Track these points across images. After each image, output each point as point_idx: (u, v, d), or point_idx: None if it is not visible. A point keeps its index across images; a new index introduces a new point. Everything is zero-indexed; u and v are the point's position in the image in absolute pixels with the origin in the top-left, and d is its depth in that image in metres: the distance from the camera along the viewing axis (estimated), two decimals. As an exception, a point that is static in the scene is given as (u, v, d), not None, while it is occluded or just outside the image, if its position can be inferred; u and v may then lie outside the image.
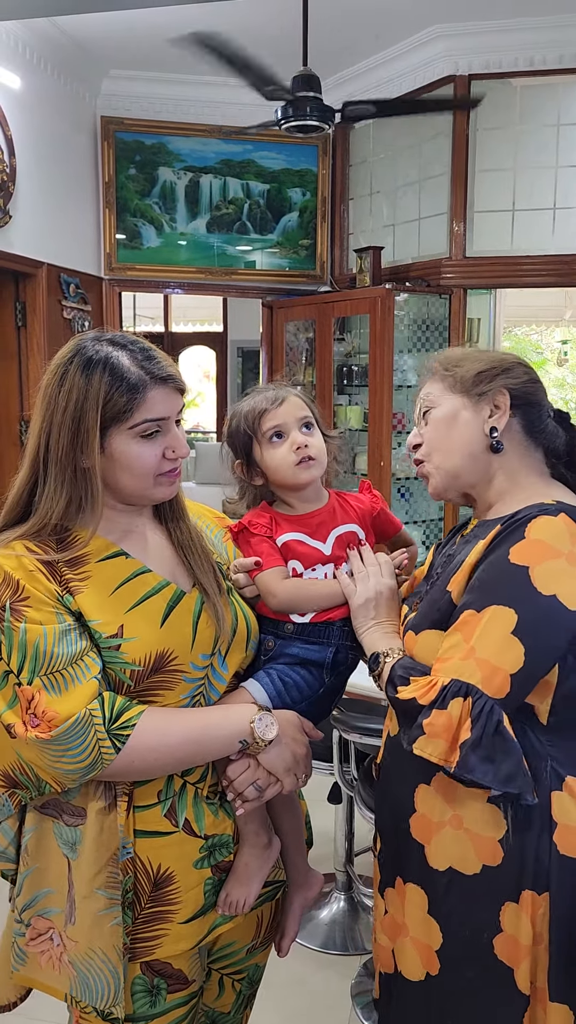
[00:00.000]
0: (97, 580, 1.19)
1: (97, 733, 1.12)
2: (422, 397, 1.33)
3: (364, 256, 4.54)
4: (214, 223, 4.89)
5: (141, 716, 1.15)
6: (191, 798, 1.25)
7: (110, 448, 1.17)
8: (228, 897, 1.29)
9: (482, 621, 1.10)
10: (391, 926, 1.28)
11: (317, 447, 1.38)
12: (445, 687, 1.09)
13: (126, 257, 4.80)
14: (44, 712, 1.11)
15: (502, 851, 1.13)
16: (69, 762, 1.11)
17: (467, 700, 1.07)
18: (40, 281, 4.17)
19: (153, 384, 1.17)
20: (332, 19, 3.76)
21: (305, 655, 1.34)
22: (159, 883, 1.22)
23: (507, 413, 1.25)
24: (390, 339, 4.29)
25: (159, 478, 1.22)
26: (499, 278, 4.38)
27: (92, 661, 1.15)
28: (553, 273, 4.24)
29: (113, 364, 1.15)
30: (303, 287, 5.04)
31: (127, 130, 4.68)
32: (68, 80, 4.38)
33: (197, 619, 1.24)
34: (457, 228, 4.32)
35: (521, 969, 1.13)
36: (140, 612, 1.19)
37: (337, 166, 4.97)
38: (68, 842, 1.22)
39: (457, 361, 1.30)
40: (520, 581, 1.09)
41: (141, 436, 1.18)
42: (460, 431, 1.26)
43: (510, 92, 4.17)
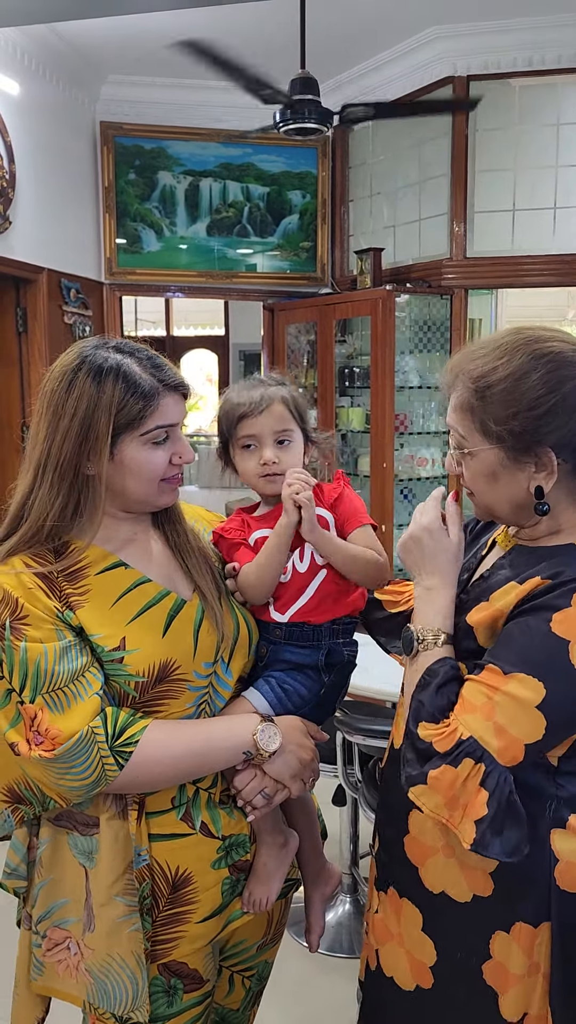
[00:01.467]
0: (97, 593, 1.18)
1: (100, 750, 1.12)
2: (452, 427, 1.17)
3: (365, 258, 4.54)
4: (214, 226, 4.89)
5: (144, 731, 1.15)
6: (204, 802, 1.26)
7: (120, 455, 1.18)
8: (251, 896, 1.31)
9: (507, 686, 1.04)
10: (380, 928, 1.28)
11: (286, 462, 1.34)
12: (462, 742, 1.04)
13: (127, 261, 4.80)
14: (47, 730, 1.11)
15: (492, 884, 1.12)
16: (73, 779, 1.12)
17: (478, 766, 1.03)
18: (41, 286, 4.18)
19: (165, 392, 1.19)
20: (330, 22, 3.77)
21: (298, 659, 1.33)
22: (177, 885, 1.24)
23: (555, 472, 1.09)
24: (391, 340, 4.29)
25: (163, 484, 1.22)
26: (500, 278, 4.38)
27: (94, 677, 1.15)
28: (555, 273, 4.23)
29: (126, 372, 1.16)
30: (304, 289, 5.04)
31: (126, 135, 4.69)
32: (67, 86, 4.39)
33: (198, 627, 1.24)
34: (458, 229, 4.32)
35: (508, 996, 1.13)
36: (141, 623, 1.19)
37: (337, 168, 4.97)
38: (85, 851, 1.23)
39: (487, 382, 1.10)
40: (558, 655, 1.02)
41: (152, 443, 1.19)
42: (502, 487, 1.13)
43: (509, 92, 4.17)
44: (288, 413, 1.35)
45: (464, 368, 1.14)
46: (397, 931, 1.24)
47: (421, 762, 1.08)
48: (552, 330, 1.14)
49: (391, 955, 1.26)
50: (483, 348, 1.14)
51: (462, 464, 1.17)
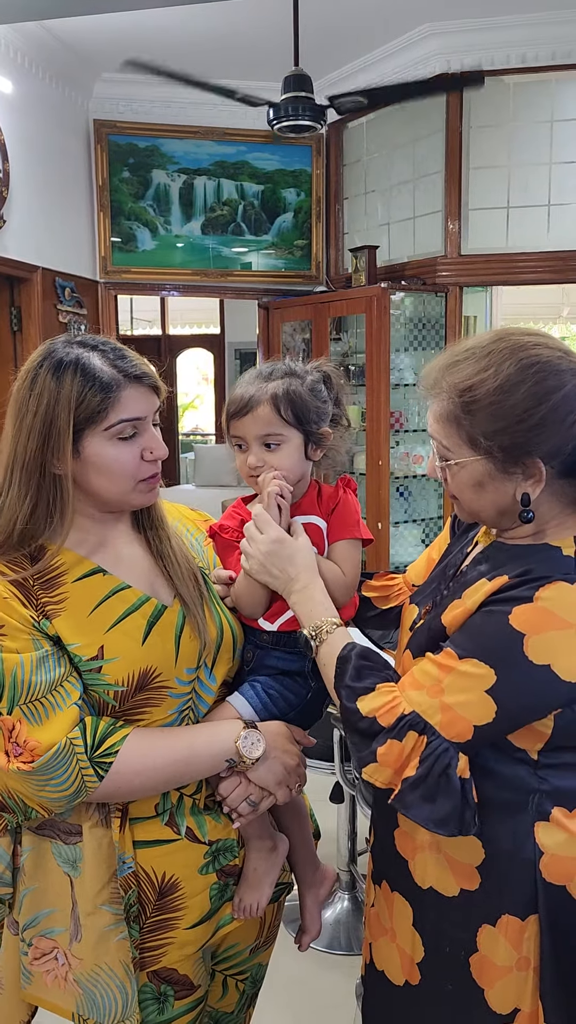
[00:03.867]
0: (74, 601, 1.15)
1: (79, 762, 1.10)
2: (436, 439, 1.14)
3: (359, 255, 4.54)
4: (209, 225, 4.89)
5: (124, 741, 1.13)
6: (189, 808, 1.24)
7: (85, 452, 1.13)
8: (242, 902, 1.29)
9: (458, 669, 1.06)
10: (375, 922, 1.29)
11: (276, 466, 1.26)
12: (405, 716, 1.06)
13: (121, 260, 4.80)
14: (26, 742, 1.09)
15: (479, 877, 1.13)
16: (53, 791, 1.10)
17: (421, 737, 1.05)
18: (35, 285, 4.17)
19: (127, 383, 1.14)
20: (323, 19, 3.76)
21: (284, 665, 1.30)
22: (164, 891, 1.21)
23: (543, 481, 1.08)
24: (387, 338, 4.29)
25: (139, 484, 1.18)
26: (495, 275, 4.38)
27: (72, 687, 1.13)
28: (549, 270, 4.24)
29: (84, 364, 1.12)
30: (299, 287, 5.04)
31: (120, 133, 4.68)
32: (60, 84, 4.38)
33: (180, 633, 1.21)
34: (452, 226, 4.32)
35: (496, 990, 1.13)
36: (120, 631, 1.16)
37: (331, 166, 4.97)
38: (69, 860, 1.21)
39: (472, 394, 1.08)
40: (512, 647, 1.03)
41: (117, 438, 1.14)
42: (488, 494, 1.12)
43: (503, 89, 4.17)
44: (276, 415, 1.25)
45: (447, 377, 1.11)
46: (390, 925, 1.25)
47: (368, 740, 1.08)
48: (534, 334, 1.12)
49: (383, 950, 1.26)
50: (466, 355, 1.11)
51: (447, 472, 1.15)
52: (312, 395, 1.27)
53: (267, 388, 1.26)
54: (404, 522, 4.57)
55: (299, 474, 1.29)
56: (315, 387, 1.28)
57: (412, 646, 1.21)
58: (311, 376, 1.29)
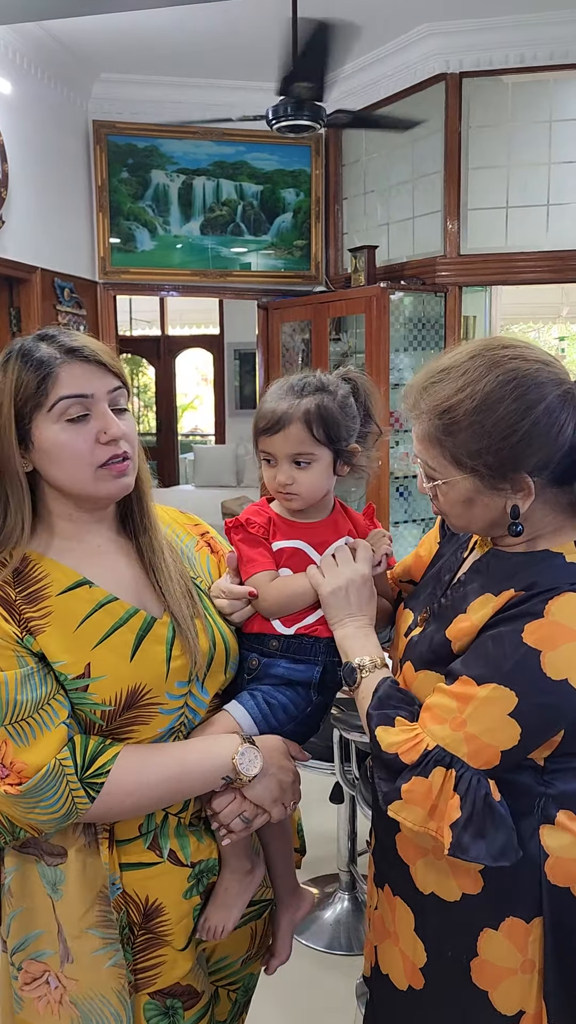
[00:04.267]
0: (59, 616, 1.09)
1: (70, 783, 1.06)
2: (421, 457, 1.14)
3: (359, 255, 4.54)
4: (208, 225, 4.89)
5: (115, 760, 1.09)
6: (173, 828, 1.19)
7: (38, 441, 1.08)
8: (207, 922, 1.23)
9: (479, 697, 1.03)
10: (379, 926, 1.28)
11: (303, 484, 1.25)
12: (428, 752, 1.04)
13: (120, 261, 4.80)
14: (12, 763, 1.05)
15: (482, 881, 1.12)
16: (42, 813, 1.06)
17: (449, 771, 1.03)
18: (34, 286, 4.17)
19: (64, 358, 1.07)
20: (322, 18, 3.76)
21: (291, 675, 1.26)
22: (149, 915, 1.18)
23: (532, 494, 1.08)
24: (386, 338, 4.29)
25: (100, 471, 1.10)
26: (494, 275, 4.38)
27: (60, 705, 1.08)
28: (548, 270, 4.24)
29: (25, 350, 1.08)
30: (298, 288, 5.04)
31: (119, 133, 4.68)
32: (59, 84, 4.38)
33: (171, 647, 1.15)
34: (451, 226, 4.32)
35: (499, 991, 1.13)
36: (107, 647, 1.10)
37: (330, 166, 4.97)
38: (50, 882, 1.16)
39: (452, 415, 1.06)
40: (529, 665, 1.02)
41: (66, 420, 1.07)
42: (478, 510, 1.11)
43: (502, 89, 4.17)
44: (308, 435, 1.22)
45: (424, 398, 1.10)
46: (393, 929, 1.24)
47: (392, 777, 1.07)
48: (512, 345, 1.10)
49: (387, 953, 1.26)
50: (442, 375, 1.10)
51: (435, 490, 1.14)
52: (343, 412, 1.25)
53: (300, 405, 1.22)
54: (404, 522, 4.57)
55: (326, 489, 1.29)
56: (345, 402, 1.26)
57: (412, 657, 1.19)
58: (341, 390, 1.26)
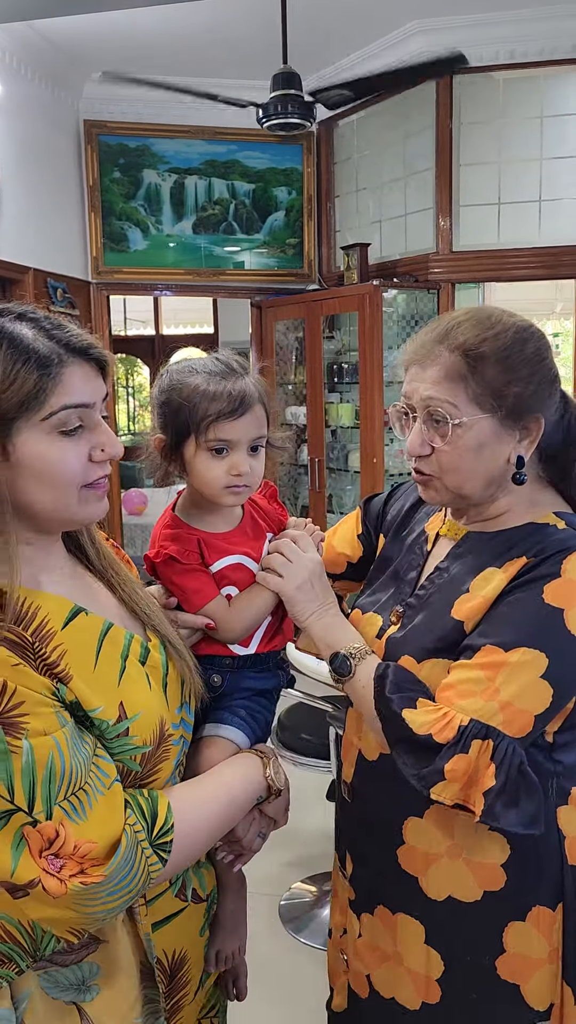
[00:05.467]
0: (75, 654, 0.91)
1: (144, 852, 0.89)
2: (436, 400, 1.08)
3: (351, 253, 4.54)
4: (200, 224, 4.88)
5: (170, 810, 0.94)
6: (193, 866, 1.09)
7: (17, 452, 0.86)
8: (221, 951, 1.17)
9: (510, 662, 1.03)
10: (368, 952, 1.24)
11: (257, 473, 1.15)
12: (465, 728, 1.02)
13: (113, 260, 4.79)
14: (77, 847, 0.83)
15: (504, 875, 1.10)
16: (112, 900, 0.85)
17: (486, 742, 1.01)
18: (27, 286, 4.16)
19: (71, 358, 0.88)
20: (311, 17, 3.76)
21: (261, 685, 1.23)
22: (174, 971, 1.06)
23: (537, 440, 1.10)
24: (379, 336, 4.29)
25: (85, 491, 0.91)
26: (487, 272, 4.38)
27: (105, 761, 0.90)
28: (541, 266, 4.24)
29: (13, 336, 0.86)
30: (292, 286, 5.03)
31: (110, 133, 4.67)
32: (49, 84, 4.37)
33: (166, 672, 1.03)
34: (443, 223, 4.32)
35: (532, 984, 1.11)
36: (128, 680, 0.95)
37: (322, 164, 4.97)
38: (73, 985, 0.95)
39: (481, 352, 1.07)
40: (554, 624, 1.03)
41: (59, 431, 0.88)
42: (485, 459, 1.10)
43: (492, 86, 4.17)
44: (265, 416, 1.14)
45: (447, 341, 1.09)
46: (393, 950, 1.19)
47: (427, 759, 1.03)
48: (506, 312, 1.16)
49: (389, 976, 1.20)
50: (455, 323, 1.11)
51: (445, 438, 1.08)
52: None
53: (253, 384, 1.13)
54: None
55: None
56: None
57: (409, 651, 1.15)
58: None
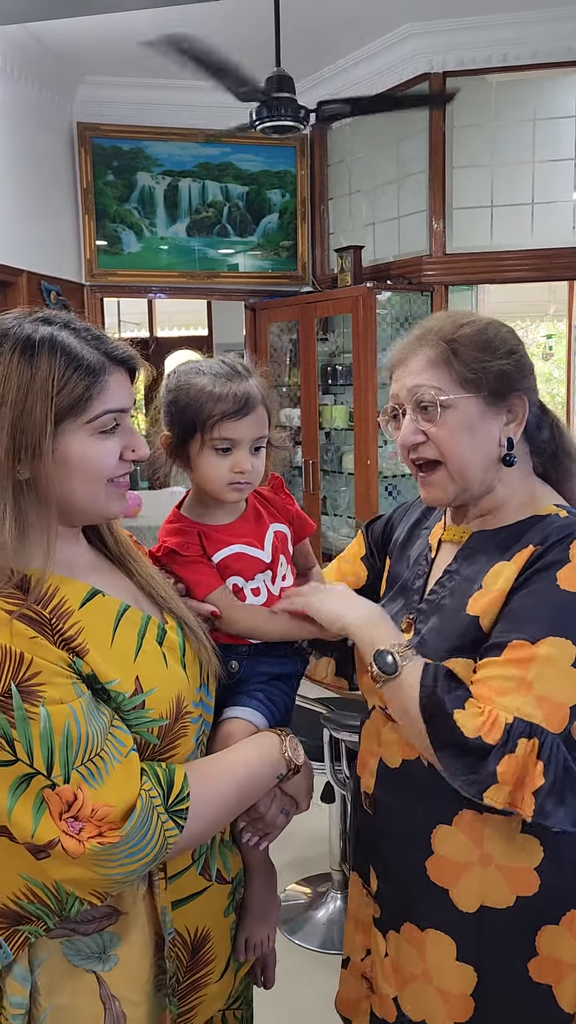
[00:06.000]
0: (92, 630, 0.97)
1: (160, 817, 0.94)
2: (422, 387, 1.12)
3: (345, 256, 4.55)
4: (194, 227, 4.89)
5: (186, 780, 0.99)
6: (218, 846, 1.15)
7: (62, 450, 0.95)
8: (250, 939, 1.20)
9: (539, 654, 1.02)
10: (395, 971, 1.21)
11: (258, 471, 1.20)
12: (510, 725, 1.00)
13: (107, 263, 4.79)
14: (94, 811, 0.89)
15: (538, 879, 1.09)
16: (130, 863, 0.92)
17: (532, 740, 1.00)
18: (21, 289, 4.16)
19: (113, 367, 0.98)
20: (305, 19, 3.77)
21: (278, 670, 1.26)
22: (196, 948, 1.10)
23: (523, 421, 1.13)
24: (373, 338, 4.30)
25: (111, 486, 1.00)
26: (480, 274, 4.39)
27: (122, 731, 0.96)
28: (533, 268, 4.26)
29: (63, 343, 0.94)
30: (285, 288, 5.04)
31: (104, 136, 4.68)
32: (43, 87, 4.37)
33: (183, 652, 1.09)
34: (436, 225, 4.33)
35: (563, 986, 1.10)
36: (144, 657, 1.02)
37: (315, 166, 4.98)
38: (93, 953, 1.01)
39: (459, 341, 1.11)
40: (573, 610, 1.03)
41: (99, 432, 0.97)
42: (479, 441, 1.11)
43: (485, 88, 4.18)
44: (267, 417, 1.20)
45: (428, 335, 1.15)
46: (422, 968, 1.16)
47: (479, 762, 1.01)
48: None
49: (418, 996, 1.17)
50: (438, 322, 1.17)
51: (435, 422, 1.11)
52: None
53: (256, 386, 1.18)
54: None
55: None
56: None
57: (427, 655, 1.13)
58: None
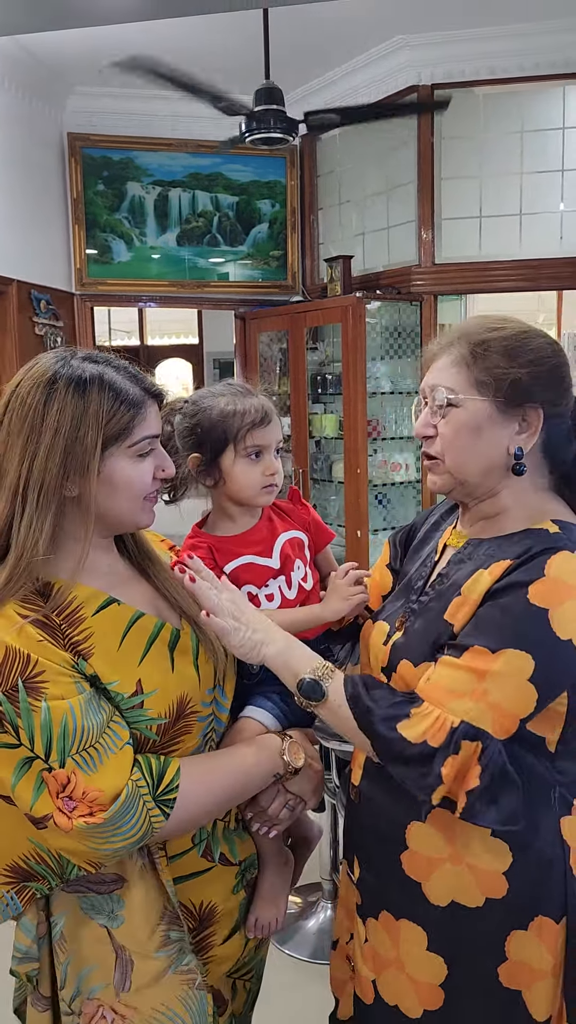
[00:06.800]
0: (100, 636, 1.11)
1: (146, 804, 1.07)
2: (439, 385, 1.16)
3: (334, 265, 4.57)
4: (184, 236, 4.90)
5: (179, 774, 1.12)
6: (221, 832, 1.26)
7: (108, 471, 1.11)
8: (259, 920, 1.30)
9: (498, 664, 1.04)
10: (373, 957, 1.25)
11: (282, 473, 1.37)
12: (455, 729, 1.04)
13: (97, 272, 4.80)
14: (85, 793, 1.04)
15: (507, 883, 1.11)
16: (117, 841, 1.06)
17: (475, 743, 1.03)
18: (10, 298, 4.17)
19: (149, 399, 1.15)
20: (294, 32, 3.79)
21: None
22: (203, 919, 1.23)
23: (537, 433, 1.14)
24: (362, 347, 4.31)
25: (145, 501, 1.17)
26: (469, 284, 4.42)
27: (120, 726, 1.10)
28: (522, 278, 4.29)
29: (110, 381, 1.11)
30: (275, 297, 5.06)
31: (94, 146, 4.69)
32: (33, 98, 4.38)
33: (196, 655, 1.21)
34: (425, 235, 4.36)
35: (533, 992, 1.11)
36: (150, 662, 1.15)
37: (305, 177, 5.00)
38: (105, 911, 1.16)
39: (487, 344, 1.14)
40: (539, 625, 1.04)
41: (138, 455, 1.13)
42: (482, 444, 1.14)
43: (473, 101, 4.22)
44: (279, 425, 1.38)
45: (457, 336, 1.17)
46: (395, 955, 1.20)
47: (425, 765, 1.05)
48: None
49: (392, 982, 1.21)
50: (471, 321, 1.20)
51: (445, 418, 1.14)
52: None
53: (264, 398, 1.37)
54: (383, 529, 4.59)
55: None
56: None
57: (408, 656, 1.17)
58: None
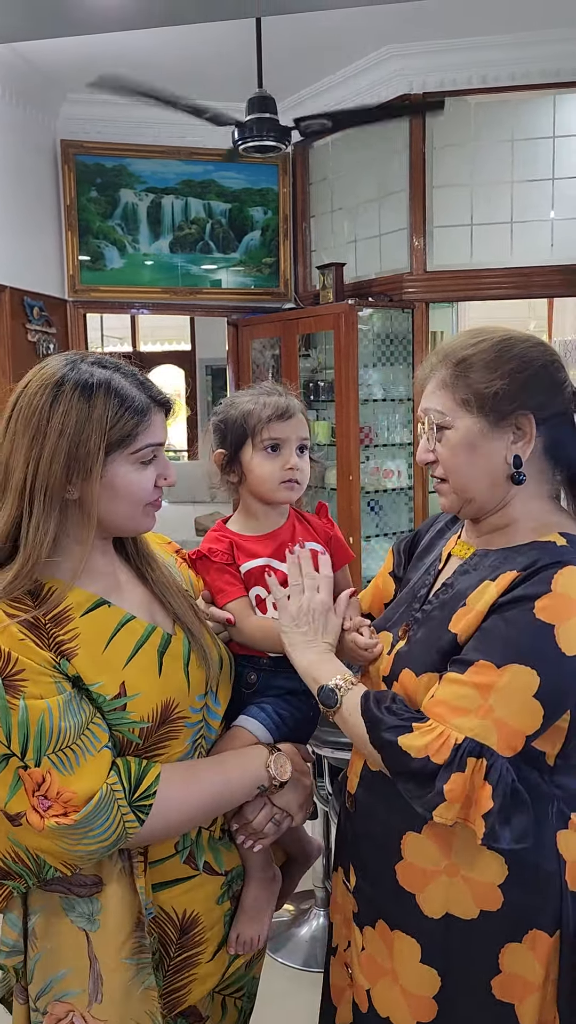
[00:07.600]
0: (87, 637, 1.11)
1: (120, 808, 1.06)
2: (430, 410, 1.17)
3: (327, 273, 4.58)
4: (177, 243, 4.91)
5: (159, 780, 1.10)
6: (206, 841, 1.24)
7: (110, 476, 1.11)
8: (240, 936, 1.28)
9: (503, 680, 1.03)
10: (370, 965, 1.24)
11: (305, 472, 1.36)
12: (459, 746, 1.03)
13: (90, 279, 4.80)
14: (59, 794, 1.03)
15: (502, 896, 1.10)
16: (90, 843, 1.05)
17: (480, 760, 1.02)
18: (3, 305, 4.16)
19: (155, 408, 1.15)
20: (287, 41, 3.81)
21: (293, 685, 1.29)
22: (185, 928, 1.20)
23: (532, 439, 1.13)
24: (355, 354, 4.32)
25: (147, 507, 1.17)
26: (460, 291, 4.44)
27: (100, 728, 1.09)
28: (513, 286, 4.30)
29: (116, 387, 1.10)
30: (268, 305, 5.07)
31: (87, 153, 4.70)
32: (26, 105, 4.38)
33: (187, 661, 1.19)
34: (417, 243, 4.38)
35: (526, 1005, 1.11)
36: (136, 665, 1.13)
37: (298, 184, 5.02)
38: (85, 914, 1.15)
39: (467, 361, 1.14)
40: (546, 641, 1.03)
41: (140, 462, 1.13)
42: (480, 459, 1.14)
43: (465, 109, 4.24)
44: (307, 424, 1.38)
45: (445, 357, 1.17)
46: (389, 966, 1.19)
47: (429, 781, 1.04)
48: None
49: (385, 993, 1.21)
50: (453, 340, 1.20)
51: (441, 441, 1.15)
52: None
53: (292, 398, 1.38)
54: (375, 536, 4.60)
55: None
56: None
57: (410, 665, 1.17)
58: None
